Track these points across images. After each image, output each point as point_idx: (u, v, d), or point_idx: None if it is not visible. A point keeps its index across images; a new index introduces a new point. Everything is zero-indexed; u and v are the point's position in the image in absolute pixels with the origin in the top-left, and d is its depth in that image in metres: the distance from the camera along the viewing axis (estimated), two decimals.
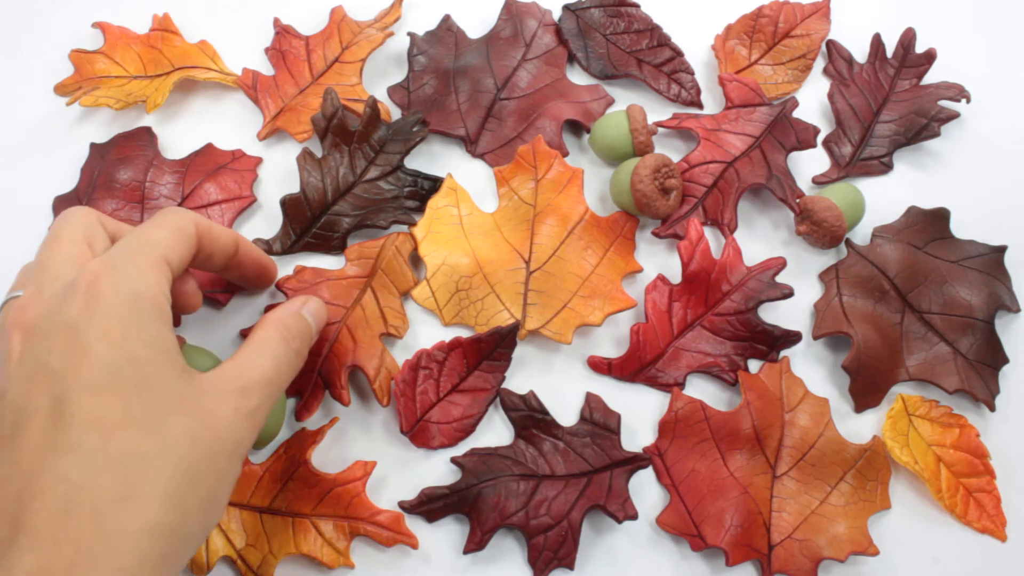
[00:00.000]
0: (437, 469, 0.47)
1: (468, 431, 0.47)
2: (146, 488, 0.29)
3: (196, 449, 0.30)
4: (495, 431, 0.48)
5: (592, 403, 0.47)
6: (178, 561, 0.30)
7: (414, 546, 0.43)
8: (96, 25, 0.59)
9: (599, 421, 0.46)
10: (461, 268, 0.50)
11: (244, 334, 0.49)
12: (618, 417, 0.46)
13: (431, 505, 0.45)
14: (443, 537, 0.45)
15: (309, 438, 0.45)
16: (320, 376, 0.46)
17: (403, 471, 0.47)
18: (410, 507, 0.45)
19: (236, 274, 0.45)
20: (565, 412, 0.48)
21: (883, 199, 0.55)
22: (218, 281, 0.50)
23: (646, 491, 0.47)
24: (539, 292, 0.50)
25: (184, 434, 0.30)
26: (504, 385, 0.48)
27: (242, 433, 0.32)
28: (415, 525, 0.45)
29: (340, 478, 0.44)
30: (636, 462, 0.45)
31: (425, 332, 0.50)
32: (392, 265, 0.49)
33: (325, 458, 0.47)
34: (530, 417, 0.46)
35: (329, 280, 0.48)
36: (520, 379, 0.49)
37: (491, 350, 0.47)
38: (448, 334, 0.49)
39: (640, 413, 0.48)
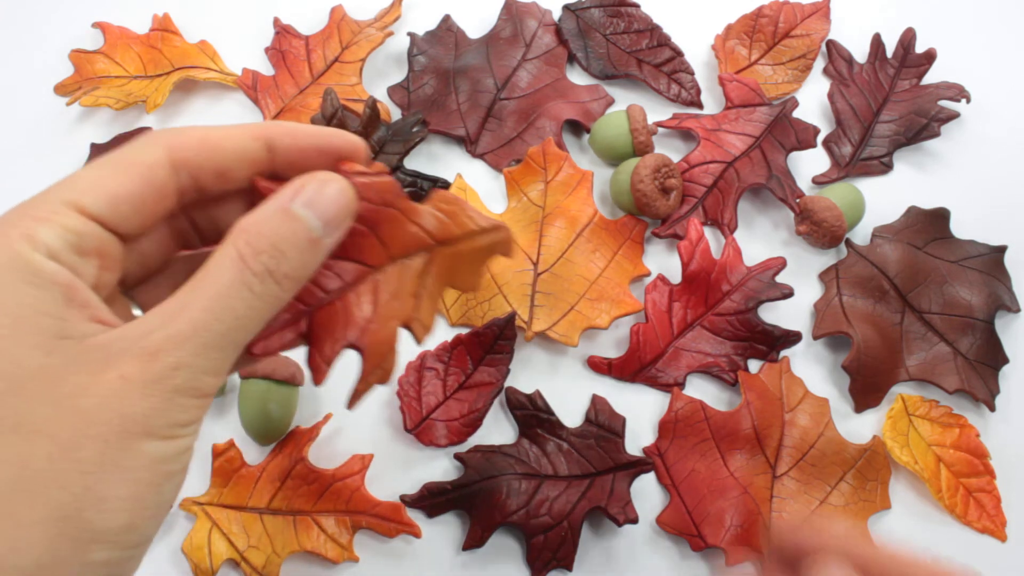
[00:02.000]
0: (440, 465, 0.47)
1: (475, 426, 0.47)
2: None
3: (36, 444, 0.22)
4: (500, 429, 0.48)
5: (598, 405, 0.47)
6: None
7: (417, 535, 0.44)
8: (96, 25, 0.59)
9: (604, 424, 0.46)
10: None
11: None
12: (623, 421, 0.46)
13: (432, 500, 0.45)
14: (443, 533, 0.45)
15: (305, 435, 0.45)
16: (307, 319, 0.28)
17: (405, 467, 0.47)
18: (411, 501, 0.45)
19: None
20: (570, 413, 0.48)
21: (883, 199, 0.55)
22: None
23: (646, 491, 0.47)
24: (546, 294, 0.50)
25: (14, 427, 0.22)
26: (509, 384, 0.48)
27: (134, 406, 0.22)
28: (416, 521, 0.45)
29: (339, 473, 0.44)
30: (639, 466, 0.45)
31: None
32: (472, 251, 0.31)
33: (321, 454, 0.47)
34: (535, 417, 0.46)
35: (396, 207, 0.29)
36: (526, 379, 0.49)
37: (492, 342, 0.47)
38: (453, 334, 0.50)
39: (640, 413, 0.48)
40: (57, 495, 0.21)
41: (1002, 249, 0.52)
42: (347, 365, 0.29)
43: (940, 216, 0.53)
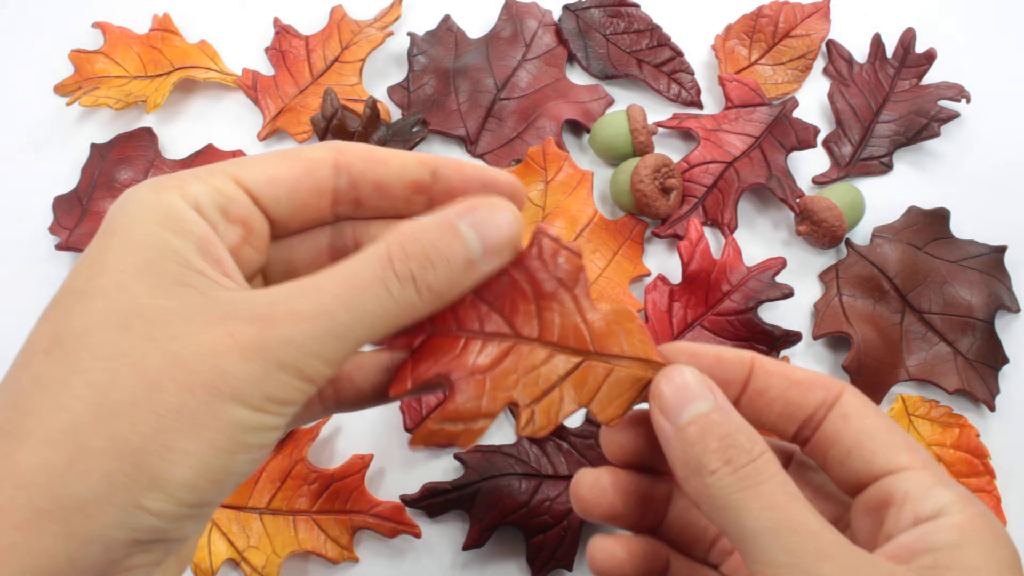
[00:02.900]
0: (440, 465, 0.47)
1: None
2: (30, 422, 0.21)
3: (123, 375, 0.21)
4: (500, 429, 0.48)
5: None
6: (91, 527, 0.21)
7: (417, 535, 0.44)
8: (96, 25, 0.59)
9: None
10: None
11: None
12: None
13: (432, 500, 0.45)
14: (443, 533, 0.45)
15: (305, 435, 0.45)
16: (425, 340, 0.26)
17: (405, 467, 0.47)
18: (411, 501, 0.45)
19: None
20: None
21: (883, 199, 0.55)
22: None
23: None
24: None
25: (110, 356, 0.21)
26: None
27: (231, 366, 0.21)
28: (417, 521, 0.45)
29: (339, 473, 0.44)
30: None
31: None
32: (626, 381, 0.27)
33: (321, 454, 0.47)
34: None
35: (569, 290, 0.27)
36: None
37: None
38: None
39: None
40: (125, 429, 0.21)
41: (1002, 249, 0.52)
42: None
43: (940, 216, 0.53)
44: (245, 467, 0.23)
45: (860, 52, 0.60)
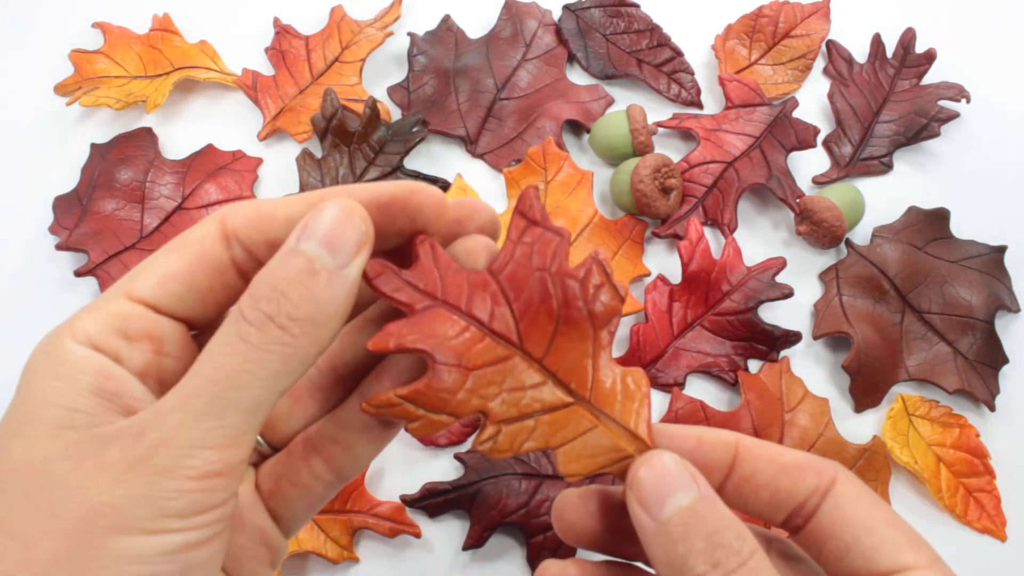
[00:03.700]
0: (440, 465, 0.47)
1: (475, 426, 0.47)
2: None
3: None
4: None
5: None
6: None
7: (416, 535, 0.44)
8: (96, 25, 0.59)
9: None
10: None
11: None
12: None
13: (432, 500, 0.45)
14: (443, 533, 0.45)
15: None
16: (429, 308, 0.24)
17: (405, 467, 0.47)
18: (412, 501, 0.45)
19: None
20: None
21: (883, 199, 0.55)
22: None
23: None
24: None
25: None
26: None
27: (102, 495, 0.19)
28: (417, 521, 0.45)
29: None
30: None
31: None
32: (601, 449, 0.25)
33: None
34: None
35: (578, 316, 0.25)
36: None
37: None
38: None
39: None
40: None
41: (1002, 249, 0.52)
42: None
43: (940, 216, 0.53)
44: None
45: (860, 52, 0.60)
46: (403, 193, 0.23)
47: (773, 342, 0.49)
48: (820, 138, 0.57)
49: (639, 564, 0.27)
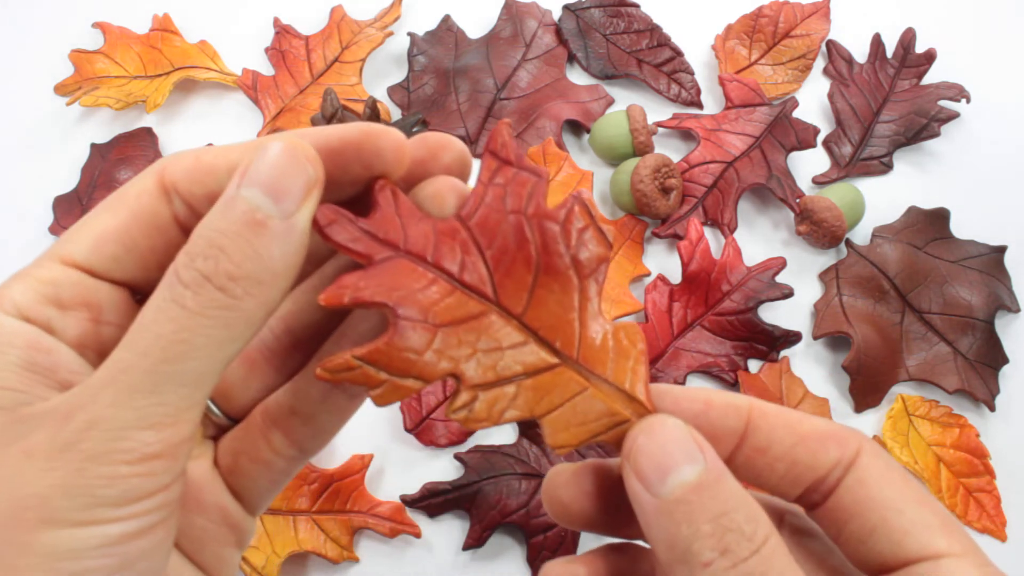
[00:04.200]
0: (440, 465, 0.47)
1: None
2: None
3: None
4: (499, 429, 0.48)
5: None
6: None
7: (416, 535, 0.44)
8: (96, 25, 0.59)
9: None
10: None
11: None
12: None
13: (432, 500, 0.45)
14: (443, 533, 0.45)
15: None
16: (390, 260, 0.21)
17: (405, 467, 0.47)
18: (412, 501, 0.45)
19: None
20: None
21: (883, 199, 0.55)
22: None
23: None
24: None
25: None
26: None
27: (28, 486, 0.17)
28: (417, 521, 0.45)
29: (339, 473, 0.44)
30: None
31: None
32: (593, 415, 0.22)
33: (321, 454, 0.47)
34: None
35: (560, 267, 0.22)
36: None
37: None
38: None
39: None
40: None
41: (1002, 249, 0.52)
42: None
43: (940, 216, 0.53)
44: None
45: (860, 52, 0.60)
46: (356, 136, 0.20)
47: (773, 342, 0.49)
48: (820, 138, 0.57)
49: (643, 543, 0.24)
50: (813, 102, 0.59)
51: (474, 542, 0.44)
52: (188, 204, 0.21)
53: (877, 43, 0.59)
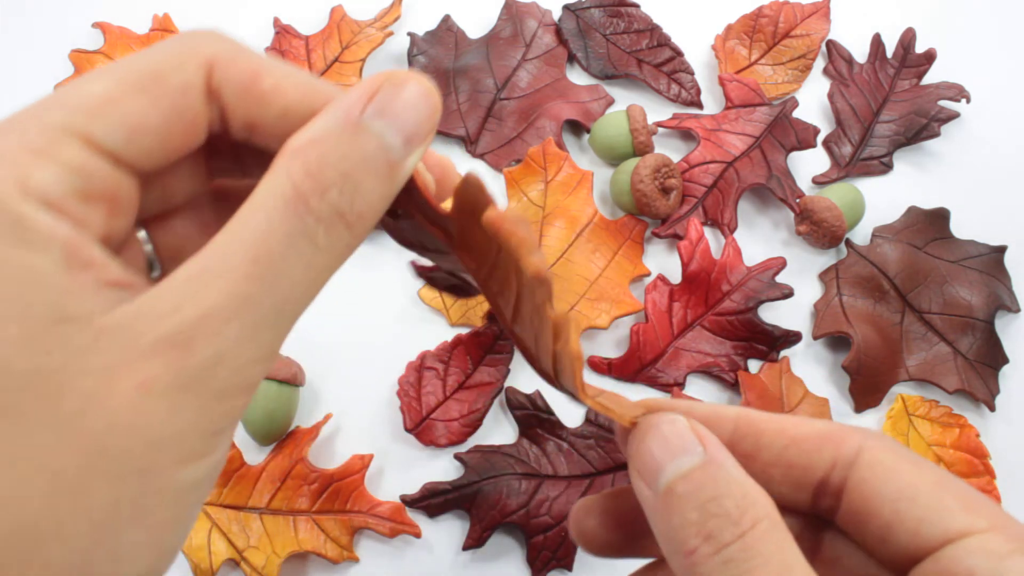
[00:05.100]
0: (440, 465, 0.47)
1: (475, 426, 0.47)
2: None
3: (23, 489, 0.16)
4: (500, 429, 0.48)
5: None
6: None
7: (416, 535, 0.44)
8: (96, 25, 0.59)
9: (604, 423, 0.46)
10: None
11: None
12: None
13: (432, 500, 0.45)
14: (443, 533, 0.45)
15: (305, 435, 0.45)
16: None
17: (405, 467, 0.47)
18: (411, 501, 0.45)
19: None
20: (570, 413, 0.48)
21: (883, 199, 0.55)
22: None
23: None
24: None
25: (11, 462, 0.16)
26: (509, 384, 0.48)
27: (161, 428, 0.16)
28: (417, 521, 0.45)
29: (338, 473, 0.44)
30: None
31: (431, 332, 0.50)
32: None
33: (321, 454, 0.47)
34: (535, 416, 0.46)
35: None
36: (526, 379, 0.49)
37: (492, 342, 0.47)
38: (453, 334, 0.50)
39: None
40: (59, 553, 0.16)
41: (1002, 249, 0.52)
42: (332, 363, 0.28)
43: (940, 216, 0.53)
44: (198, 511, 0.19)
45: (860, 52, 0.60)
46: (440, 162, 0.21)
47: (773, 342, 0.49)
48: (820, 138, 0.57)
49: None
50: (813, 102, 0.59)
51: (474, 542, 0.44)
52: (223, 118, 0.19)
53: (877, 43, 0.59)
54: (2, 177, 0.16)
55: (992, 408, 0.48)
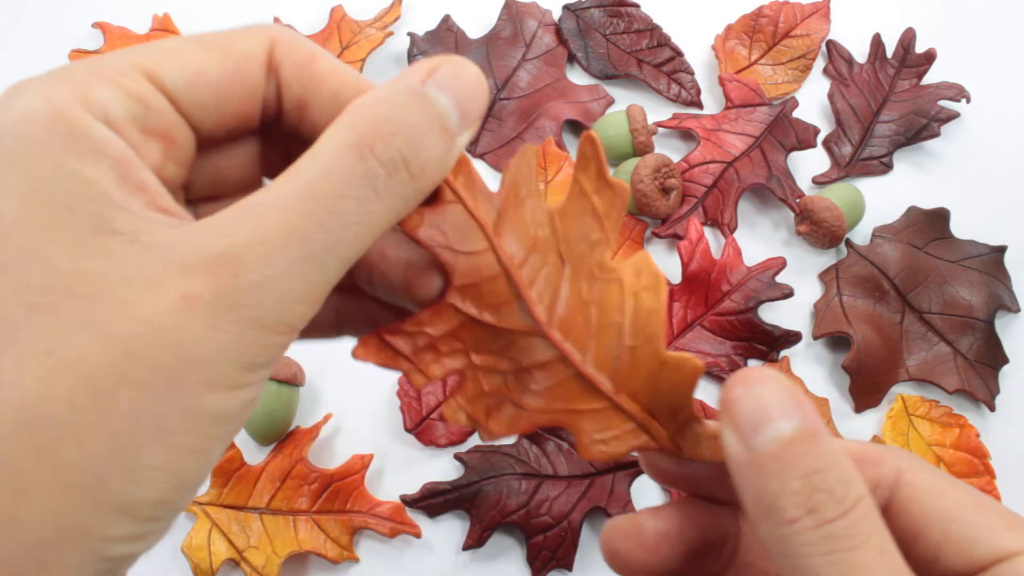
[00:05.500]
0: (440, 465, 0.47)
1: (475, 429, 0.47)
2: None
3: (57, 382, 0.16)
4: None
5: None
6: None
7: (416, 535, 0.44)
8: (96, 25, 0.59)
9: None
10: None
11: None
12: None
13: (432, 500, 0.45)
14: (443, 533, 0.45)
15: (305, 435, 0.45)
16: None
17: (405, 467, 0.47)
18: (412, 501, 0.45)
19: None
20: None
21: (883, 199, 0.55)
22: None
23: (646, 491, 0.47)
24: None
25: (41, 354, 0.16)
26: None
27: (197, 344, 0.16)
28: (417, 521, 0.45)
29: (338, 473, 0.44)
30: (639, 466, 0.45)
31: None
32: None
33: (321, 454, 0.47)
34: None
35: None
36: None
37: None
38: None
39: None
40: (74, 456, 0.16)
41: (1002, 249, 0.52)
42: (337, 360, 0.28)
43: (940, 216, 0.53)
44: (222, 454, 0.18)
45: (860, 52, 0.60)
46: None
47: (773, 342, 0.49)
48: (820, 138, 0.57)
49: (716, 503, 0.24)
50: (813, 102, 0.59)
51: (474, 542, 0.44)
52: (279, 93, 0.20)
53: (877, 43, 0.59)
54: (65, 92, 0.17)
55: (992, 408, 0.48)
